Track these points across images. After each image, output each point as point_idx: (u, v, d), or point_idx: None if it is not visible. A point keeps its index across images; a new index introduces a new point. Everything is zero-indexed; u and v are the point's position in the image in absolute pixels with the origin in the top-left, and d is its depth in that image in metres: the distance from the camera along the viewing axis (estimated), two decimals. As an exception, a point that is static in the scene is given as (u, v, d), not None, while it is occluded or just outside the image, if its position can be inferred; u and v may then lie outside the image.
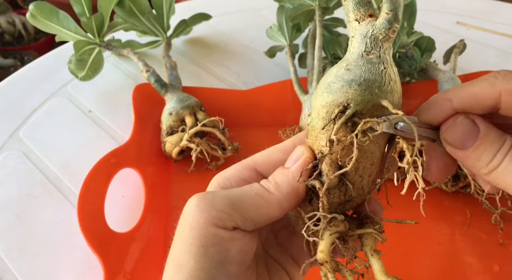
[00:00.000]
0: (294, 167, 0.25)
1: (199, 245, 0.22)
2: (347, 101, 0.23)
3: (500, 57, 0.76)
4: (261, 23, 0.79)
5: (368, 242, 0.24)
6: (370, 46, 0.23)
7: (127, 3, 0.62)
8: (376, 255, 0.24)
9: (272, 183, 0.25)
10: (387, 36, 0.23)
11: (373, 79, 0.23)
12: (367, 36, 0.23)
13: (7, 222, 0.48)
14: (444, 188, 0.49)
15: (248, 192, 0.24)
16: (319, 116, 0.24)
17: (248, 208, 0.23)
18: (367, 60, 0.23)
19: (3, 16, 1.43)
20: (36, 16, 0.58)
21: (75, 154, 0.57)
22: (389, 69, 0.23)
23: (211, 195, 0.23)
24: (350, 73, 0.23)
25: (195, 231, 0.22)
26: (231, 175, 0.26)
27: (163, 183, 0.52)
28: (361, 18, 0.24)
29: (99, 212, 0.45)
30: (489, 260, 0.44)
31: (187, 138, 0.51)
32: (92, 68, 0.64)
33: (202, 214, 0.22)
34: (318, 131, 0.24)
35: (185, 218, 0.23)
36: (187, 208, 0.23)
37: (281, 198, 0.24)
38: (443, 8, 0.91)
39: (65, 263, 0.45)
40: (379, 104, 0.23)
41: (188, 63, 0.74)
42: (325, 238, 0.23)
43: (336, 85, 0.23)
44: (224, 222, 0.23)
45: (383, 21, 0.23)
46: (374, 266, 0.24)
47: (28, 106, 0.64)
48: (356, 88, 0.22)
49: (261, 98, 0.60)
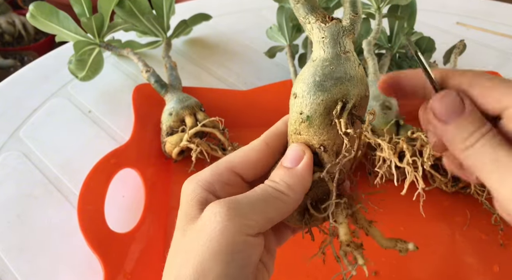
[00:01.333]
0: (303, 167, 0.26)
1: (226, 252, 0.22)
2: (343, 97, 0.25)
3: (500, 58, 0.76)
4: (261, 23, 0.79)
5: (360, 216, 0.27)
6: (343, 45, 0.26)
7: (127, 4, 0.62)
8: (372, 225, 0.27)
9: (284, 185, 0.25)
10: (353, 35, 0.26)
11: (355, 74, 0.25)
12: (339, 36, 0.26)
13: (7, 222, 0.48)
14: (444, 189, 0.49)
15: (267, 196, 0.25)
16: (316, 113, 0.25)
17: (269, 212, 0.24)
18: (345, 59, 0.25)
19: (3, 17, 1.43)
20: (36, 16, 0.58)
21: (75, 154, 0.57)
22: (361, 65, 0.26)
23: (235, 203, 0.24)
24: (337, 71, 0.25)
25: (225, 239, 0.22)
26: (212, 179, 0.26)
27: (163, 183, 0.52)
28: (324, 20, 0.26)
29: (99, 212, 0.45)
30: (489, 261, 0.44)
31: (187, 139, 0.51)
32: (92, 68, 0.64)
33: (232, 222, 0.23)
34: (318, 127, 0.26)
35: (210, 226, 0.23)
36: (213, 215, 0.23)
37: (296, 198, 0.25)
38: (443, 9, 0.91)
39: (65, 263, 0.45)
40: (364, 95, 0.26)
41: (188, 64, 0.74)
42: (342, 221, 0.26)
43: (328, 83, 0.25)
44: (252, 229, 0.23)
45: (350, 22, 0.26)
46: (375, 234, 0.27)
47: (28, 106, 0.64)
48: (348, 84, 0.25)
49: (261, 98, 0.60)
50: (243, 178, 0.27)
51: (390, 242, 0.26)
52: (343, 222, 0.26)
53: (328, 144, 0.26)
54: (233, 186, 0.27)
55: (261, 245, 0.24)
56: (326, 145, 0.26)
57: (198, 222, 0.24)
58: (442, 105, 0.24)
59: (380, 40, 0.62)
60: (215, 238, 0.23)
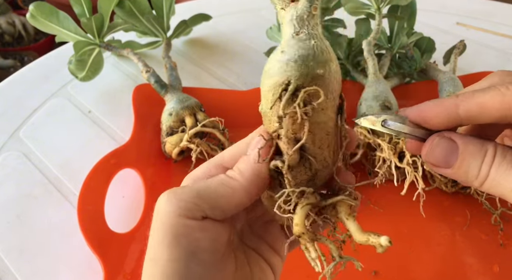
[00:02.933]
0: (253, 153, 0.25)
1: (170, 237, 0.23)
2: (287, 79, 0.24)
3: (500, 58, 0.76)
4: (261, 23, 0.79)
5: (342, 209, 0.25)
6: (298, 26, 0.24)
7: (127, 4, 0.62)
8: (351, 218, 0.25)
9: (236, 171, 0.25)
10: (311, 13, 0.25)
11: (306, 53, 0.24)
12: (293, 18, 0.25)
13: (7, 223, 0.48)
14: (444, 189, 0.49)
15: (213, 182, 0.25)
16: (267, 100, 0.25)
17: (215, 197, 0.24)
18: (298, 39, 0.24)
19: (3, 17, 1.43)
20: (36, 16, 0.58)
21: (75, 155, 0.57)
22: (319, 42, 0.24)
23: (179, 190, 0.24)
24: (285, 54, 0.24)
25: (165, 224, 0.23)
26: (200, 174, 0.27)
27: (163, 183, 0.52)
28: (286, 6, 0.25)
29: (99, 212, 0.45)
30: (489, 261, 0.44)
31: (187, 139, 0.51)
32: (92, 68, 0.64)
33: (171, 207, 0.23)
34: (271, 115, 0.25)
35: (156, 213, 0.24)
36: (157, 203, 0.24)
37: (245, 183, 0.25)
38: (443, 9, 0.91)
39: (65, 263, 0.45)
40: (316, 74, 0.24)
41: (188, 64, 0.74)
42: (298, 211, 0.24)
43: (274, 68, 0.24)
44: (192, 212, 0.23)
45: (303, 1, 0.25)
46: (351, 228, 0.25)
47: (28, 107, 0.64)
48: (293, 65, 0.24)
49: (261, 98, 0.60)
50: None
51: (363, 237, 0.24)
52: (298, 213, 0.24)
53: (281, 132, 0.25)
54: None
55: (213, 231, 0.24)
56: (280, 133, 0.25)
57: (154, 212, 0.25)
58: (435, 156, 0.23)
59: (380, 40, 0.62)
60: (157, 224, 0.23)
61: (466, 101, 0.23)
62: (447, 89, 0.53)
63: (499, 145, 0.22)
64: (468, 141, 0.23)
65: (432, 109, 0.24)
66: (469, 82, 0.54)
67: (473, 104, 0.23)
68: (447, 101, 0.23)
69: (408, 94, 0.60)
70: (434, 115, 0.24)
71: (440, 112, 0.24)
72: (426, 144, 0.24)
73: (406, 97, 0.58)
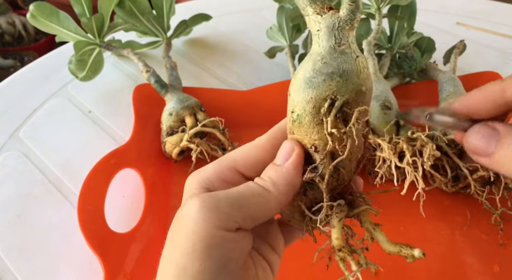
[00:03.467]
0: (289, 163, 0.25)
1: (203, 248, 0.22)
2: (333, 94, 0.24)
3: (500, 58, 0.76)
4: (261, 23, 0.79)
5: (366, 219, 0.26)
6: (339, 37, 0.24)
7: (127, 4, 0.62)
8: (377, 228, 0.25)
9: (268, 181, 0.25)
10: (352, 26, 0.24)
11: (350, 68, 0.24)
12: (334, 28, 0.24)
13: (7, 222, 0.48)
14: (444, 189, 0.49)
15: (247, 192, 0.24)
16: (305, 111, 0.24)
17: (249, 208, 0.24)
18: (340, 52, 0.24)
19: (3, 17, 1.43)
20: (36, 16, 0.58)
21: (75, 155, 0.57)
22: (362, 58, 0.24)
23: (213, 198, 0.23)
24: (328, 66, 0.24)
25: (198, 234, 0.22)
26: (212, 176, 0.26)
27: (163, 183, 0.52)
28: (321, 11, 0.24)
29: (99, 212, 0.45)
30: (489, 261, 0.44)
31: (187, 139, 0.51)
32: (92, 68, 0.64)
33: (207, 217, 0.22)
34: (308, 126, 0.25)
35: (187, 221, 0.23)
36: (189, 210, 0.23)
37: (279, 195, 0.25)
38: (443, 9, 0.91)
39: (65, 263, 0.45)
40: (360, 90, 0.24)
41: (188, 64, 0.74)
42: (336, 224, 0.25)
43: (318, 80, 0.24)
44: (228, 224, 0.23)
45: (347, 12, 0.24)
46: (379, 238, 0.25)
47: (28, 107, 0.64)
48: (339, 80, 0.23)
49: (261, 98, 0.60)
50: (245, 176, 0.27)
51: (395, 247, 0.25)
52: (336, 226, 0.25)
53: (319, 144, 0.25)
54: (235, 184, 0.26)
55: (243, 241, 0.24)
56: (317, 145, 0.25)
57: (179, 217, 0.24)
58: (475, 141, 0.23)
59: (380, 40, 0.62)
60: (191, 232, 0.22)
61: None
62: (447, 89, 0.53)
63: None
64: (510, 127, 0.22)
65: (479, 97, 0.23)
66: (469, 82, 0.54)
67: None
68: (493, 86, 0.23)
69: (408, 94, 0.60)
70: (483, 103, 0.23)
71: (487, 99, 0.23)
72: (469, 131, 0.24)
73: (406, 97, 0.58)
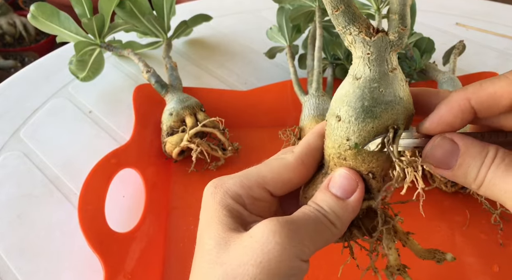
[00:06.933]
0: (354, 200, 0.25)
1: (281, 275, 0.22)
2: (394, 123, 0.24)
3: (500, 58, 0.77)
4: (261, 24, 0.79)
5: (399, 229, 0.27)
6: (391, 62, 0.24)
7: (128, 4, 0.62)
8: (410, 237, 0.27)
9: (333, 215, 0.24)
10: (401, 48, 0.24)
11: (403, 94, 0.24)
12: (387, 53, 0.23)
13: (7, 222, 0.49)
14: (444, 189, 0.49)
15: (319, 225, 0.24)
16: (365, 141, 0.24)
17: (321, 242, 0.24)
18: (393, 77, 0.24)
19: (4, 18, 1.44)
20: (37, 17, 0.58)
21: (75, 155, 0.57)
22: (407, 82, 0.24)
23: (295, 226, 0.23)
24: (386, 94, 0.23)
25: (283, 261, 0.22)
26: (241, 190, 0.25)
27: (163, 183, 0.52)
28: (367, 32, 0.23)
29: (99, 212, 0.45)
30: (489, 261, 0.44)
31: (188, 139, 0.51)
32: (92, 68, 0.64)
33: (293, 246, 0.22)
34: (367, 154, 0.24)
35: (268, 244, 0.22)
36: (272, 234, 0.22)
37: (342, 229, 0.25)
38: (442, 9, 0.91)
39: (65, 263, 0.45)
40: (412, 114, 0.25)
41: (189, 64, 0.74)
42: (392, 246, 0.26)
43: (378, 109, 0.23)
44: (306, 255, 0.23)
45: (399, 37, 0.24)
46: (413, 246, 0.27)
47: (28, 107, 0.64)
48: (398, 108, 0.24)
49: (261, 98, 0.60)
50: (272, 193, 0.26)
51: (429, 254, 0.26)
52: (392, 247, 0.25)
53: (377, 171, 0.25)
54: (262, 201, 0.26)
55: (307, 270, 0.24)
56: (375, 172, 0.25)
57: (247, 237, 0.23)
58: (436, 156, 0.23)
59: (380, 40, 0.62)
60: (272, 259, 0.22)
61: (477, 93, 0.23)
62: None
63: (501, 149, 0.22)
64: (470, 143, 0.23)
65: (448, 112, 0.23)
66: (468, 83, 0.54)
67: (484, 95, 0.23)
68: (457, 96, 0.23)
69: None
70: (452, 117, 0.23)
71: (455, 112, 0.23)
72: (428, 144, 0.24)
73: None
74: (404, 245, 0.26)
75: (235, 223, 0.24)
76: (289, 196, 0.28)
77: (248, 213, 0.25)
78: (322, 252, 0.27)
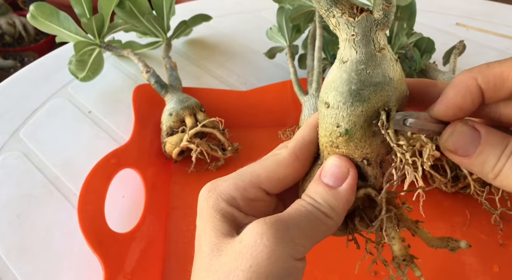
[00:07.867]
0: (346, 188, 0.24)
1: (276, 277, 0.21)
2: (385, 105, 0.23)
3: (500, 58, 0.76)
4: (261, 24, 0.79)
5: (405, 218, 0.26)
6: (378, 41, 0.22)
7: (128, 4, 0.62)
8: (420, 225, 0.26)
9: (326, 207, 0.24)
10: (387, 27, 0.23)
11: (393, 74, 0.23)
12: (372, 32, 0.22)
13: (7, 222, 0.48)
14: (444, 189, 0.49)
15: (313, 220, 0.23)
16: (356, 126, 0.23)
17: (317, 237, 0.23)
18: (381, 57, 0.22)
19: (4, 18, 1.43)
20: (36, 17, 0.58)
21: (75, 155, 0.57)
22: (397, 60, 0.23)
23: (283, 225, 0.22)
24: (374, 76, 0.22)
25: (273, 264, 0.21)
26: (235, 192, 0.25)
27: (163, 183, 0.52)
28: (351, 13, 0.22)
29: (99, 212, 0.45)
30: (489, 261, 0.44)
31: (187, 139, 0.51)
32: (92, 69, 0.64)
33: (282, 248, 0.21)
34: (359, 140, 0.23)
35: (257, 248, 0.21)
36: (260, 236, 0.22)
37: (339, 221, 0.24)
38: (442, 9, 0.91)
39: (65, 263, 0.45)
40: (405, 95, 0.23)
41: (188, 64, 0.74)
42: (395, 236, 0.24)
43: (367, 91, 0.22)
44: (300, 254, 0.22)
45: (384, 14, 0.22)
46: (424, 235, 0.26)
47: (28, 107, 0.64)
48: (388, 89, 0.22)
49: (261, 98, 0.60)
50: (268, 192, 0.26)
51: (442, 242, 0.24)
52: (396, 237, 0.24)
53: (372, 157, 0.24)
54: (258, 201, 0.25)
55: (304, 267, 0.23)
56: (370, 158, 0.24)
57: (237, 242, 0.22)
58: (455, 142, 0.22)
59: (380, 40, 0.62)
60: (262, 263, 0.21)
61: (483, 72, 0.22)
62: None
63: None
64: (491, 131, 0.22)
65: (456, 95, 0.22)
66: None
67: (490, 74, 0.22)
68: (463, 77, 0.22)
69: (408, 94, 0.60)
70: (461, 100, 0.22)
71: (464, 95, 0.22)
72: (447, 129, 0.23)
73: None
74: (414, 234, 0.25)
75: (229, 227, 0.24)
76: (290, 192, 0.27)
77: (243, 215, 0.25)
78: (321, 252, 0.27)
